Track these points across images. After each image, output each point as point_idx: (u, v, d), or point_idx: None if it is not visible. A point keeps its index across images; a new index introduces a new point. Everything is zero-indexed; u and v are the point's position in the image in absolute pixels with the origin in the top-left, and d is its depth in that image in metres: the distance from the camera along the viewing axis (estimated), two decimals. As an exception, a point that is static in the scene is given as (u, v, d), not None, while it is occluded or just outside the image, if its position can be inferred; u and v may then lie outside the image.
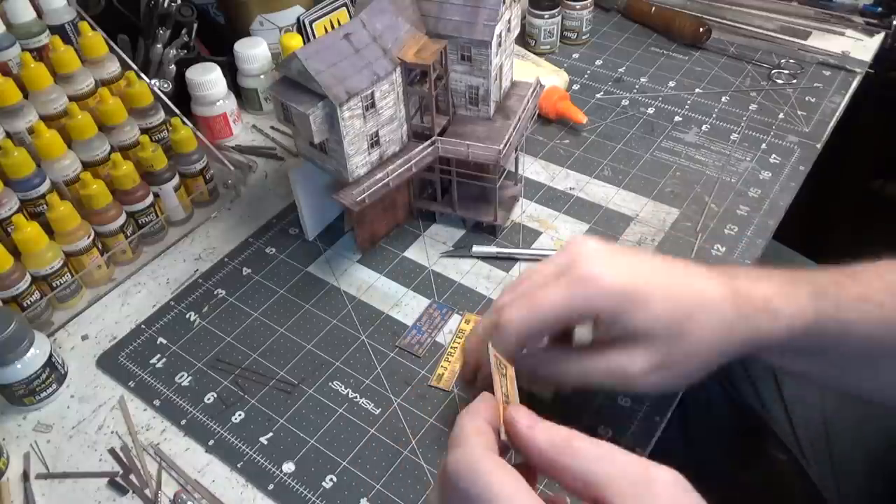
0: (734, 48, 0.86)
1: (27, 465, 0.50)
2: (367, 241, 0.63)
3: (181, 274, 0.63)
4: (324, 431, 0.50)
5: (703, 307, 0.42)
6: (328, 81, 0.50)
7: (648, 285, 0.41)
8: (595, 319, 0.42)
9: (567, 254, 0.43)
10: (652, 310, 0.41)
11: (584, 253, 0.42)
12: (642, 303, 0.41)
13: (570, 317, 0.42)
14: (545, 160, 0.72)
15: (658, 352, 0.41)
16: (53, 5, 0.69)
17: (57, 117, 0.62)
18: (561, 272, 0.42)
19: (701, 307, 0.42)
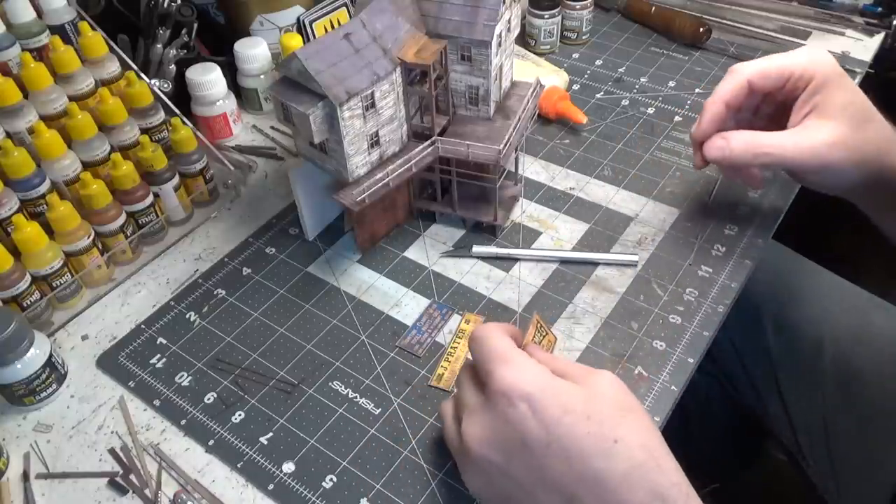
0: (734, 48, 0.86)
1: (27, 465, 0.50)
2: (367, 241, 0.63)
3: (181, 274, 0.63)
4: (324, 431, 0.50)
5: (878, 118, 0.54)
6: (328, 81, 0.50)
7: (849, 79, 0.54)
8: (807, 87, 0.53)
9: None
10: (850, 94, 0.53)
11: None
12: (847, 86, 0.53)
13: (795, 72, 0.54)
14: (545, 160, 0.72)
15: (842, 128, 0.52)
16: (53, 5, 0.69)
17: (57, 117, 0.62)
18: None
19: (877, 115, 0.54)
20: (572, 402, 0.38)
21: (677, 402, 0.51)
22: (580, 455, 0.37)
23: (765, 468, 1.04)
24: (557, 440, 0.37)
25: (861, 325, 0.74)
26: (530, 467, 0.38)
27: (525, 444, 0.38)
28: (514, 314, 0.57)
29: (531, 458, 0.38)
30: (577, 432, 0.37)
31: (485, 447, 0.39)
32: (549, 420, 0.38)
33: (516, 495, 0.39)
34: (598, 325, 0.56)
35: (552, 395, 0.38)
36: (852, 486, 0.70)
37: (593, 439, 0.37)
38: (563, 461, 0.37)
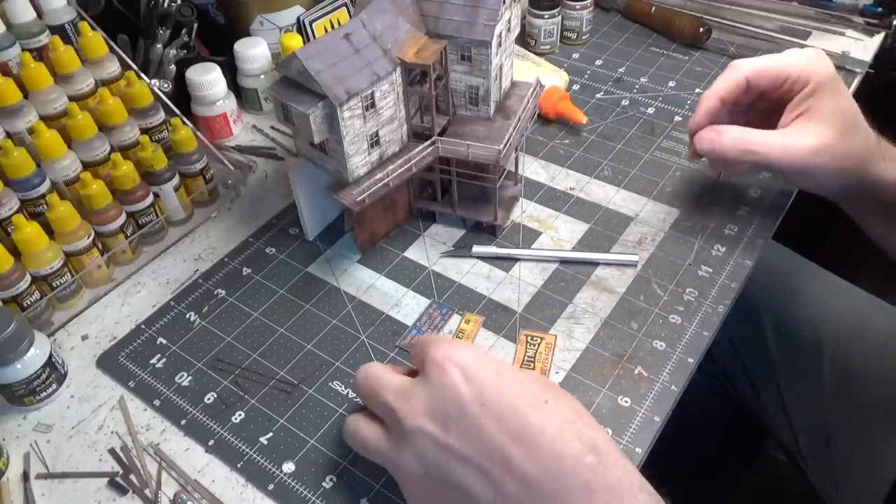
0: (734, 48, 0.86)
1: (27, 465, 0.50)
2: (367, 241, 0.63)
3: (181, 274, 0.63)
4: (324, 431, 0.50)
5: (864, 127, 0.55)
6: (328, 81, 0.50)
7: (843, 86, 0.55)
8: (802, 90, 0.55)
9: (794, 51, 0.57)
10: (842, 100, 0.54)
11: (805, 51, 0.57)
12: (840, 92, 0.54)
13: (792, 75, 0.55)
14: (545, 160, 0.72)
15: (830, 134, 0.53)
16: (53, 5, 0.69)
17: (57, 117, 0.62)
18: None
19: (863, 125, 0.55)
20: (502, 367, 0.40)
21: (677, 402, 0.51)
22: (514, 411, 0.38)
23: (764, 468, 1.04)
24: (490, 399, 0.38)
25: (860, 325, 0.74)
26: (467, 431, 0.38)
27: (461, 408, 0.38)
28: (514, 314, 0.57)
29: (466, 419, 0.38)
30: (510, 392, 0.38)
31: (421, 417, 0.39)
32: (482, 381, 0.39)
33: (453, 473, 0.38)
34: (598, 325, 0.56)
35: (483, 361, 0.40)
36: (851, 486, 0.70)
37: (526, 398, 0.38)
38: (497, 419, 0.37)
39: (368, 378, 0.43)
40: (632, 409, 0.50)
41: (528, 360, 0.53)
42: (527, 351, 0.54)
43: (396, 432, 0.40)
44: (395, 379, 0.42)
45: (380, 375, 0.42)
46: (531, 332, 0.55)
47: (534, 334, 0.55)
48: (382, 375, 0.42)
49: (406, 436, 0.40)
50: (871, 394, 0.69)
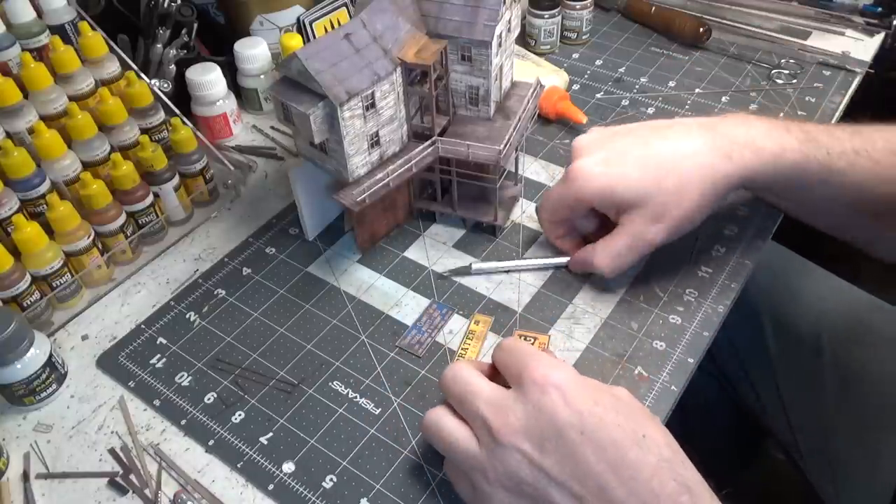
0: (734, 48, 0.86)
1: (27, 465, 0.50)
2: (367, 241, 0.63)
3: (181, 274, 0.63)
4: (324, 431, 0.50)
5: (685, 157, 0.52)
6: (328, 81, 0.50)
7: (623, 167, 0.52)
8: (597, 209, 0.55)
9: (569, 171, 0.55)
10: (629, 181, 0.52)
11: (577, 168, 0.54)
12: (620, 181, 0.52)
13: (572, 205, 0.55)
14: (545, 160, 0.72)
15: (649, 207, 0.52)
16: (53, 5, 0.69)
17: (57, 117, 0.62)
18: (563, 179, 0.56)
19: (681, 158, 0.52)
20: (600, 395, 0.40)
21: (677, 402, 0.51)
22: (613, 444, 0.38)
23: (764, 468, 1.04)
24: (590, 428, 0.38)
25: (860, 325, 0.74)
26: (563, 455, 0.38)
27: (559, 432, 0.39)
28: (514, 314, 0.57)
29: (564, 445, 0.38)
30: (609, 422, 0.39)
31: (517, 436, 0.39)
32: (581, 408, 0.39)
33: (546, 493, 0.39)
34: (598, 325, 0.56)
35: (582, 386, 0.40)
36: (850, 486, 0.70)
37: (624, 431, 0.39)
38: (596, 449, 0.38)
39: (458, 382, 0.43)
40: (632, 410, 0.50)
41: None
42: None
43: (488, 443, 0.40)
44: (486, 387, 0.42)
45: (470, 381, 0.42)
46: (525, 333, 0.55)
47: (527, 334, 0.55)
48: (473, 380, 0.42)
49: (499, 450, 0.40)
50: (872, 394, 0.69)
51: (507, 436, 0.39)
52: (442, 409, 0.44)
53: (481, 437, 0.41)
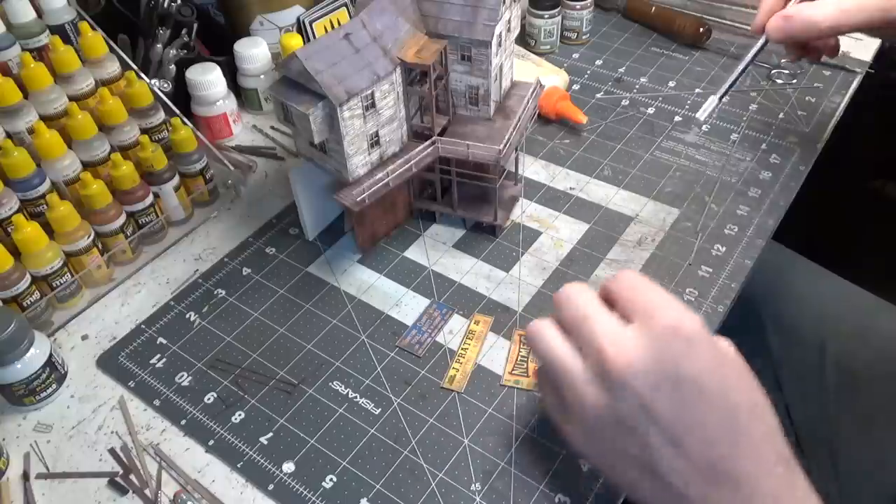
0: (734, 48, 0.86)
1: (27, 465, 0.50)
2: (367, 241, 0.63)
3: (181, 274, 0.63)
4: (324, 431, 0.50)
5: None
6: (328, 81, 0.50)
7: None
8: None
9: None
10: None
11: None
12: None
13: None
14: (545, 160, 0.72)
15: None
16: (53, 5, 0.69)
17: (57, 117, 0.62)
18: None
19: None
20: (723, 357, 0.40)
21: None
22: (728, 405, 0.38)
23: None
24: (710, 386, 0.38)
25: (862, 325, 0.74)
26: (676, 403, 0.38)
27: (678, 381, 0.38)
28: (514, 314, 0.57)
29: (680, 394, 0.38)
30: (728, 384, 0.39)
31: (632, 371, 0.38)
32: (706, 364, 0.39)
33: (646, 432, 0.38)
34: (598, 325, 0.56)
35: (709, 342, 0.40)
36: (853, 485, 0.70)
37: (740, 396, 0.39)
38: (711, 406, 0.38)
39: (574, 302, 0.42)
40: (632, 409, 0.50)
41: (521, 359, 0.53)
42: (520, 351, 0.54)
43: (597, 371, 0.39)
44: (605, 315, 0.41)
45: (589, 304, 0.41)
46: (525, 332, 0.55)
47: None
48: (592, 305, 0.41)
49: (608, 381, 0.39)
50: (876, 395, 0.69)
51: (621, 370, 0.38)
52: (549, 321, 0.43)
53: (590, 363, 0.40)
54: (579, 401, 0.40)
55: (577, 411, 0.41)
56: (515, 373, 0.53)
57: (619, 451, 0.40)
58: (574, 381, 0.40)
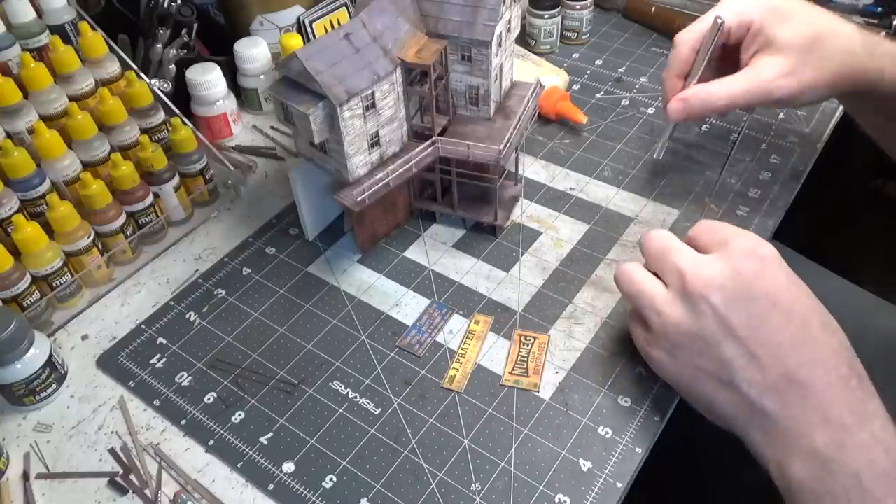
0: (734, 48, 0.86)
1: (27, 465, 0.50)
2: (367, 241, 0.63)
3: (181, 274, 0.63)
4: (324, 431, 0.50)
5: (835, 33, 0.54)
6: (328, 81, 0.50)
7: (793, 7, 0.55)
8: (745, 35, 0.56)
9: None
10: (793, 24, 0.54)
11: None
12: (787, 17, 0.54)
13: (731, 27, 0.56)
14: (545, 160, 0.72)
15: (790, 60, 0.54)
16: (53, 5, 0.69)
17: (57, 117, 0.62)
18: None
19: (833, 32, 0.54)
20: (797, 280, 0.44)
21: (678, 401, 0.51)
22: (802, 320, 0.42)
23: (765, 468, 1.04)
24: (784, 302, 0.42)
25: (863, 325, 0.73)
26: (751, 316, 0.42)
27: (753, 296, 0.42)
28: (514, 314, 0.57)
29: (756, 308, 0.42)
30: (802, 301, 0.43)
31: (711, 289, 0.43)
32: (780, 282, 0.43)
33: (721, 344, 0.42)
34: (598, 325, 0.56)
35: (782, 265, 0.44)
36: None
37: (814, 313, 0.43)
38: (785, 321, 0.42)
39: (659, 240, 0.47)
40: (632, 409, 0.50)
41: (521, 359, 0.54)
42: (520, 350, 0.54)
43: (678, 289, 0.44)
44: (686, 248, 0.46)
45: (672, 241, 0.47)
46: (525, 332, 0.55)
47: (527, 334, 0.55)
48: (674, 242, 0.47)
49: (689, 297, 0.43)
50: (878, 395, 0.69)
51: (699, 286, 0.43)
52: (635, 263, 0.49)
53: (672, 285, 0.45)
54: (663, 321, 0.45)
55: (660, 332, 0.45)
56: (515, 373, 0.53)
57: (698, 367, 0.44)
58: (658, 303, 0.45)
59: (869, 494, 0.38)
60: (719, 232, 0.46)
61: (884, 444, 0.39)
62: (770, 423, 0.41)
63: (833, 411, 0.40)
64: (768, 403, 0.41)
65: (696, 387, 0.45)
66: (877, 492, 0.38)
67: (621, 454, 0.48)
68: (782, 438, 0.41)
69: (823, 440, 0.40)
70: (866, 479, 0.38)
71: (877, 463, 0.38)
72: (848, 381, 0.41)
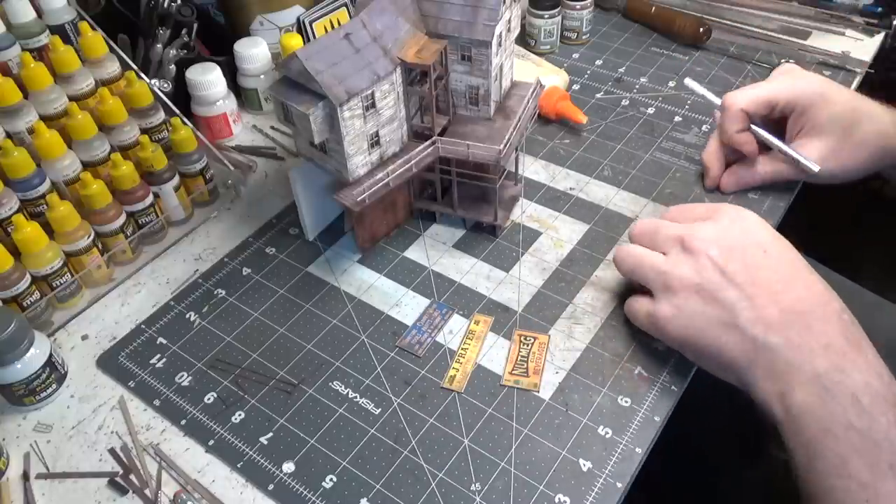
0: (734, 48, 0.86)
1: (27, 465, 0.50)
2: (367, 241, 0.63)
3: (181, 274, 0.63)
4: (324, 431, 0.50)
5: (871, 117, 0.60)
6: (328, 81, 0.50)
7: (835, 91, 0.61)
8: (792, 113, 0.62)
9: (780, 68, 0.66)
10: (833, 107, 0.60)
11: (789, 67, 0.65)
12: (830, 101, 0.60)
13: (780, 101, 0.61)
14: (545, 160, 0.72)
15: (829, 143, 0.60)
16: (53, 5, 0.69)
17: (57, 117, 0.62)
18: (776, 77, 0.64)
19: (868, 117, 0.60)
20: (780, 236, 0.49)
21: (678, 402, 0.51)
22: (791, 264, 0.47)
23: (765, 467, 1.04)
24: (774, 250, 0.48)
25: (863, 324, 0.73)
26: (746, 264, 0.47)
27: (745, 247, 0.48)
28: (514, 314, 0.57)
29: (748, 257, 0.47)
30: (789, 249, 0.48)
31: (707, 243, 0.48)
32: (767, 236, 0.49)
33: (723, 291, 0.46)
34: (598, 325, 0.56)
35: (766, 225, 0.50)
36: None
37: (801, 261, 0.48)
38: (776, 265, 0.47)
39: (651, 223, 0.53)
40: (632, 409, 0.50)
41: (521, 359, 0.54)
42: (520, 350, 0.54)
43: (677, 252, 0.49)
44: (674, 223, 0.52)
45: (662, 221, 0.52)
46: (525, 332, 0.55)
47: (527, 334, 0.55)
48: (663, 221, 0.52)
49: (689, 253, 0.49)
50: None
51: (698, 244, 0.48)
52: (634, 245, 0.53)
53: (672, 251, 0.50)
54: (668, 279, 0.49)
55: (664, 291, 0.50)
56: (515, 373, 0.53)
57: (705, 315, 0.47)
58: (660, 266, 0.50)
59: (866, 414, 0.42)
60: (698, 208, 0.52)
61: (877, 369, 0.44)
62: (774, 356, 0.45)
63: (833, 339, 0.44)
64: (772, 338, 0.45)
65: (705, 336, 0.48)
66: (874, 411, 0.42)
67: (621, 454, 0.48)
68: (785, 369, 0.44)
69: (825, 365, 0.43)
70: (864, 399, 0.42)
71: (872, 385, 0.42)
72: (840, 313, 0.45)
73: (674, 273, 0.49)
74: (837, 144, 0.60)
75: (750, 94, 0.62)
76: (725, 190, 0.66)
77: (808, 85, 0.62)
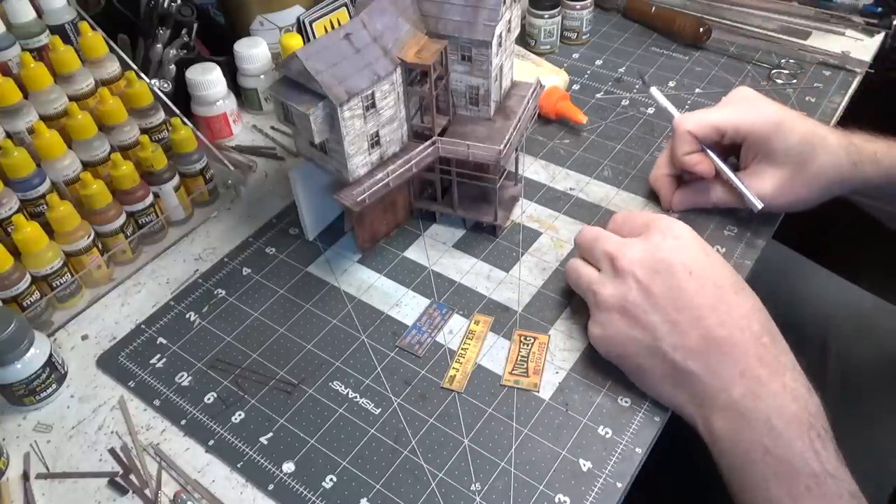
0: (734, 48, 0.86)
1: (27, 465, 0.50)
2: (367, 241, 0.63)
3: (181, 274, 0.63)
4: (324, 431, 0.50)
5: (825, 148, 0.57)
6: (328, 81, 0.50)
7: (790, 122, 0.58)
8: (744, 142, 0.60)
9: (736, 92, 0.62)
10: (790, 138, 0.57)
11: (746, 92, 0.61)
12: (785, 132, 0.57)
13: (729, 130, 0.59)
14: (545, 160, 0.72)
15: (784, 174, 0.58)
16: (53, 5, 0.69)
17: (57, 117, 0.62)
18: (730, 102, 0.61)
19: (823, 148, 0.57)
20: (711, 252, 0.49)
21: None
22: (716, 286, 0.47)
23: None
24: (699, 271, 0.47)
25: (864, 325, 0.74)
26: (670, 286, 0.47)
27: (671, 268, 0.47)
28: (514, 314, 0.57)
29: (673, 278, 0.47)
30: (716, 270, 0.48)
31: (634, 264, 0.48)
32: (695, 255, 0.48)
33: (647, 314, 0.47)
34: (598, 325, 0.56)
35: (697, 241, 0.49)
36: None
37: (727, 281, 0.47)
38: (700, 287, 0.46)
39: (591, 232, 0.53)
40: (632, 409, 0.50)
41: (521, 359, 0.54)
42: (520, 350, 0.54)
43: (608, 271, 0.50)
44: (614, 236, 0.52)
45: (601, 233, 0.53)
46: (525, 332, 0.55)
47: (527, 334, 0.55)
48: (603, 233, 0.53)
49: (617, 275, 0.49)
50: (877, 394, 0.69)
51: (625, 264, 0.48)
52: (579, 260, 0.54)
53: (604, 268, 0.51)
54: (598, 299, 0.50)
55: (595, 309, 0.50)
56: (515, 373, 0.53)
57: (629, 337, 0.48)
58: (593, 284, 0.51)
59: (781, 438, 0.42)
60: (637, 219, 0.52)
61: (794, 392, 0.44)
62: (695, 382, 0.45)
63: (749, 365, 0.44)
64: (692, 364, 0.45)
65: (630, 357, 0.49)
66: (787, 435, 0.42)
67: (621, 454, 0.48)
68: (705, 395, 0.45)
69: (740, 392, 0.44)
70: (778, 423, 0.42)
71: (786, 409, 0.43)
72: (759, 337, 0.45)
73: (602, 293, 0.50)
74: (792, 176, 0.58)
75: (700, 117, 0.60)
76: (676, 209, 0.64)
77: (763, 114, 0.59)
